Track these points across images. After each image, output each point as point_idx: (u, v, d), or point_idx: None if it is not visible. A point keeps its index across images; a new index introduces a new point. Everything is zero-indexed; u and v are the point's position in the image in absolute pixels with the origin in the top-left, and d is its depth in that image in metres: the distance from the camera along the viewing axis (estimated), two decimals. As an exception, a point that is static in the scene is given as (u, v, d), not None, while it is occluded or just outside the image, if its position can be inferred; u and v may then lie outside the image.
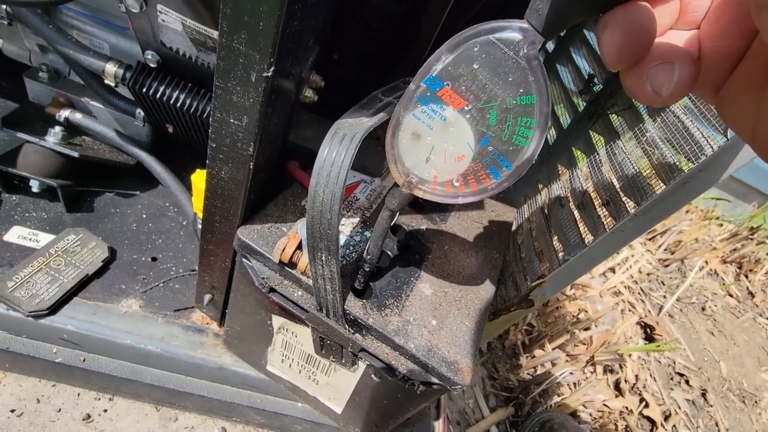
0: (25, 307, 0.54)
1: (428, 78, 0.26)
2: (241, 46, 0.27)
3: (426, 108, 0.28)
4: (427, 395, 0.43)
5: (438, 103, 0.27)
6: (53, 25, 0.53)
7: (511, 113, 0.26)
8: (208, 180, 0.38)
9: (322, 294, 0.39)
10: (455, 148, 0.28)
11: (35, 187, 0.64)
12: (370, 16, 0.66)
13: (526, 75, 0.25)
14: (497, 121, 0.27)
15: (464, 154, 0.28)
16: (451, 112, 0.27)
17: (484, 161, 0.28)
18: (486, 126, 0.27)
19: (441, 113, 0.28)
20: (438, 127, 0.28)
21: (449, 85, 0.26)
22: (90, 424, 0.64)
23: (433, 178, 0.30)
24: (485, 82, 0.26)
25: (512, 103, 0.26)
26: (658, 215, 0.37)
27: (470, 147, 0.28)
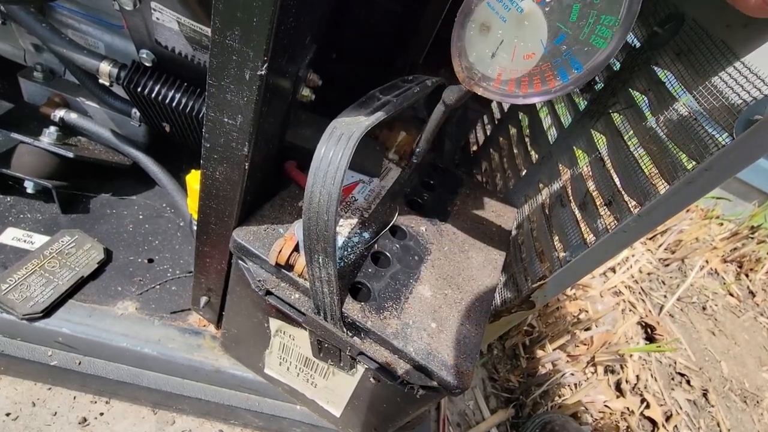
0: (19, 309, 0.54)
1: None
2: (234, 42, 0.27)
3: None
4: (426, 399, 0.42)
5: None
6: (47, 24, 0.52)
7: (596, 8, 0.24)
8: (202, 181, 0.37)
9: (320, 297, 0.38)
10: (526, 44, 0.26)
11: (30, 188, 0.63)
12: (369, 14, 0.65)
13: None
14: (578, 17, 0.25)
15: (534, 52, 0.26)
16: (529, 3, 0.25)
17: (554, 61, 0.26)
18: (565, 22, 0.25)
19: (519, 3, 0.25)
20: (512, 20, 0.26)
21: None
22: (86, 427, 0.63)
23: (497, 76, 0.28)
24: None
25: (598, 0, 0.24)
26: (662, 215, 0.37)
27: (542, 44, 0.26)
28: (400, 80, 0.47)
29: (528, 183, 0.64)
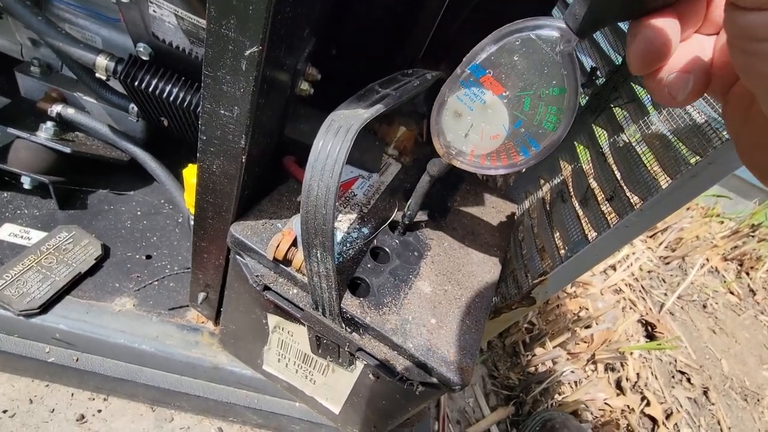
0: (15, 306, 0.53)
1: (472, 65, 0.30)
2: (230, 32, 0.26)
3: (468, 91, 0.31)
4: (426, 396, 0.42)
5: (479, 87, 0.31)
6: (43, 18, 0.51)
7: (543, 101, 0.30)
8: (199, 174, 0.37)
9: (318, 292, 0.38)
10: (491, 127, 0.32)
11: (27, 183, 0.62)
12: (369, 8, 0.65)
13: (560, 69, 0.28)
14: (530, 107, 0.30)
15: (499, 134, 0.32)
16: (490, 96, 0.31)
17: (515, 141, 0.32)
18: (520, 111, 0.31)
19: (481, 97, 0.31)
20: (478, 109, 0.32)
21: (491, 73, 0.30)
22: (84, 424, 0.63)
23: (470, 152, 0.35)
24: (523, 73, 0.29)
25: (545, 93, 0.30)
26: (664, 210, 0.36)
27: (504, 128, 0.32)
28: (400, 74, 0.46)
29: (529, 178, 0.64)
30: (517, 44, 0.28)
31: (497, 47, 0.29)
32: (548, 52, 0.28)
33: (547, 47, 0.28)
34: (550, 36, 0.27)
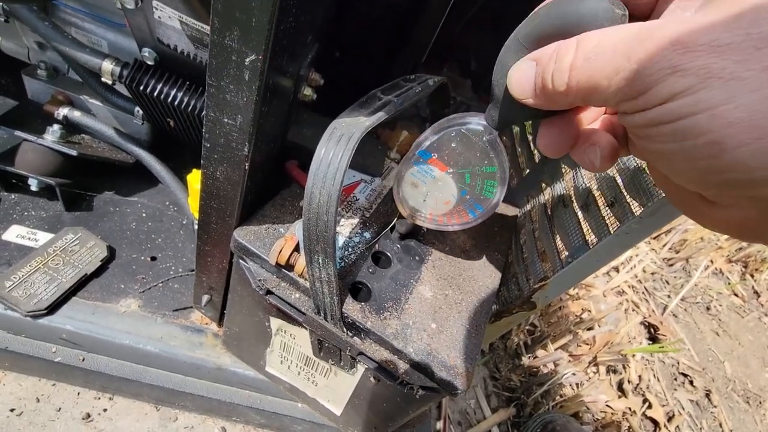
0: (23, 306, 0.54)
1: (420, 150, 0.38)
2: (233, 43, 0.26)
3: (420, 168, 0.39)
4: (426, 399, 0.42)
5: (429, 166, 0.39)
6: (50, 23, 0.52)
7: (480, 176, 0.37)
8: (203, 181, 0.37)
9: (320, 297, 0.38)
10: (443, 195, 0.40)
11: (34, 185, 0.63)
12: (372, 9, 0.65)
13: (488, 152, 0.36)
14: (470, 180, 0.38)
15: (449, 200, 0.40)
16: (438, 172, 0.39)
17: (464, 205, 0.40)
18: (463, 183, 0.38)
19: (431, 173, 0.39)
20: (430, 182, 0.40)
21: (435, 156, 0.38)
22: (90, 423, 0.64)
23: (429, 214, 0.42)
24: (461, 155, 0.37)
25: (480, 170, 0.37)
26: (665, 217, 0.36)
27: (453, 196, 0.39)
28: (402, 79, 0.46)
29: (530, 183, 0.64)
30: (452, 135, 0.36)
31: (437, 137, 0.37)
32: (476, 141, 0.35)
33: (475, 137, 0.35)
34: (476, 129, 0.35)
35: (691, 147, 0.18)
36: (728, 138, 0.17)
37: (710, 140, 0.17)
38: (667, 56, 0.18)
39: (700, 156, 0.18)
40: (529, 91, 0.25)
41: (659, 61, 0.18)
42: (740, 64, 0.16)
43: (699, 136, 0.17)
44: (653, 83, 0.18)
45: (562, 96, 0.23)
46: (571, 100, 0.23)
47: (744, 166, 0.17)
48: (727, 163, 0.17)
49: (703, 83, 0.17)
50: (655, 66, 0.18)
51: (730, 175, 0.18)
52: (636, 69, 0.18)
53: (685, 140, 0.18)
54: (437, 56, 0.78)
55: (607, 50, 0.20)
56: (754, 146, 0.16)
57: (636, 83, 0.19)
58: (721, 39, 0.17)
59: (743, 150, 0.17)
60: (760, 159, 0.16)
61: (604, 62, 0.20)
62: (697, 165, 0.18)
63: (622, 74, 0.19)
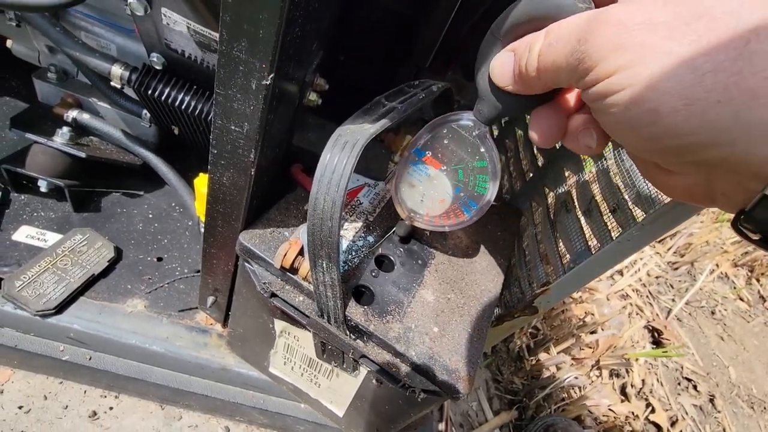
0: (32, 306, 0.55)
1: (415, 149, 0.40)
2: (241, 54, 0.27)
3: (416, 168, 0.41)
4: (428, 402, 0.43)
5: (424, 165, 0.40)
6: (60, 27, 0.53)
7: (473, 172, 0.38)
8: (209, 185, 0.38)
9: (323, 300, 0.39)
10: (438, 194, 0.41)
11: (43, 187, 0.64)
12: (377, 15, 0.65)
13: (479, 147, 0.37)
14: (464, 176, 0.39)
15: (444, 199, 0.41)
16: (433, 170, 0.40)
17: (459, 203, 0.41)
18: (457, 180, 0.39)
19: (426, 171, 0.40)
20: (425, 180, 0.41)
21: (430, 154, 0.39)
22: (96, 421, 0.65)
23: (426, 214, 0.43)
24: (453, 152, 0.38)
25: (472, 166, 0.38)
26: (666, 224, 0.37)
27: (448, 194, 0.40)
28: (406, 85, 0.47)
29: (533, 187, 0.64)
30: (444, 132, 0.38)
31: (431, 135, 0.38)
32: (467, 136, 0.37)
33: (466, 133, 0.37)
34: (467, 125, 0.36)
35: (634, 116, 0.20)
36: (662, 105, 0.19)
37: (648, 108, 0.19)
38: (609, 36, 0.20)
39: (641, 124, 0.20)
40: (509, 78, 0.28)
41: (602, 40, 0.20)
42: (671, 39, 0.18)
43: (639, 105, 0.19)
44: (599, 60, 0.20)
45: (535, 80, 0.26)
46: (543, 83, 0.26)
47: (678, 130, 0.19)
48: (665, 129, 0.19)
49: (640, 58, 0.19)
50: (599, 44, 0.20)
51: (669, 142, 0.20)
52: (584, 49, 0.21)
53: (628, 110, 0.20)
54: (441, 59, 0.78)
55: (564, 36, 0.23)
56: (684, 112, 0.18)
57: (586, 61, 0.21)
58: (655, 18, 0.19)
59: (676, 116, 0.18)
60: (691, 123, 0.18)
61: (561, 46, 0.23)
62: (641, 133, 0.20)
63: (575, 55, 0.22)
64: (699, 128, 0.18)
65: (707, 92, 0.17)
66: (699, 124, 0.18)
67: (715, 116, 0.18)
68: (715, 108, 0.17)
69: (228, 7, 0.25)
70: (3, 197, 0.65)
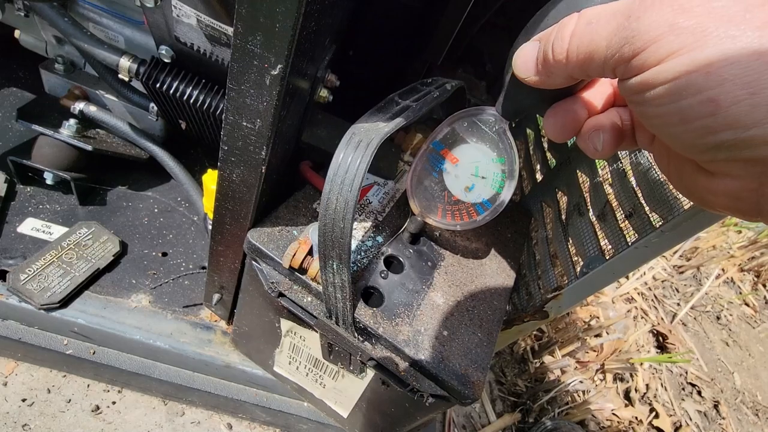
0: (37, 299, 0.55)
1: (434, 142, 0.39)
2: (255, 48, 0.26)
3: (433, 161, 0.40)
4: (436, 407, 0.42)
5: (441, 158, 0.39)
6: (69, 18, 0.52)
7: (490, 169, 0.38)
8: (219, 182, 0.37)
9: (332, 302, 0.38)
10: (453, 190, 0.40)
11: (49, 179, 0.64)
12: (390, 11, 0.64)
13: (497, 143, 0.37)
14: (480, 173, 0.39)
15: (459, 195, 0.40)
16: (449, 165, 0.39)
17: (473, 201, 0.40)
18: (473, 176, 0.39)
19: (443, 166, 0.40)
20: (441, 175, 0.40)
21: (447, 147, 0.39)
22: (99, 415, 0.65)
23: (439, 210, 0.42)
24: (471, 146, 0.38)
25: (489, 162, 0.38)
26: (687, 231, 0.36)
27: (463, 190, 0.40)
28: (419, 83, 0.46)
29: (545, 189, 0.63)
30: (464, 126, 0.37)
31: (449, 129, 0.38)
32: (487, 131, 0.36)
33: (486, 127, 0.36)
34: (487, 119, 0.36)
35: (687, 107, 0.18)
36: (723, 95, 0.17)
37: (706, 98, 0.18)
38: (665, 15, 0.18)
39: (696, 115, 0.18)
40: (532, 69, 0.26)
41: (657, 18, 0.18)
42: (732, 25, 0.17)
43: (695, 95, 0.18)
44: (650, 41, 0.19)
45: (561, 66, 0.24)
46: (570, 71, 0.24)
47: (739, 123, 0.17)
48: (723, 121, 0.18)
49: (698, 41, 0.17)
50: (653, 24, 0.18)
51: (725, 135, 0.18)
52: (635, 27, 0.19)
53: (681, 100, 0.18)
54: (452, 57, 0.77)
55: (608, 13, 0.21)
56: (748, 102, 0.17)
57: (635, 41, 0.19)
58: (716, 1, 0.18)
59: (738, 107, 0.17)
60: (754, 115, 0.17)
61: (605, 23, 0.21)
62: (693, 126, 0.19)
63: (621, 33, 0.20)
64: (763, 120, 0.17)
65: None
66: (764, 116, 0.16)
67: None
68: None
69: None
70: (9, 189, 0.65)
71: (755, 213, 0.20)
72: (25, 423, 0.61)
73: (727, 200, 0.21)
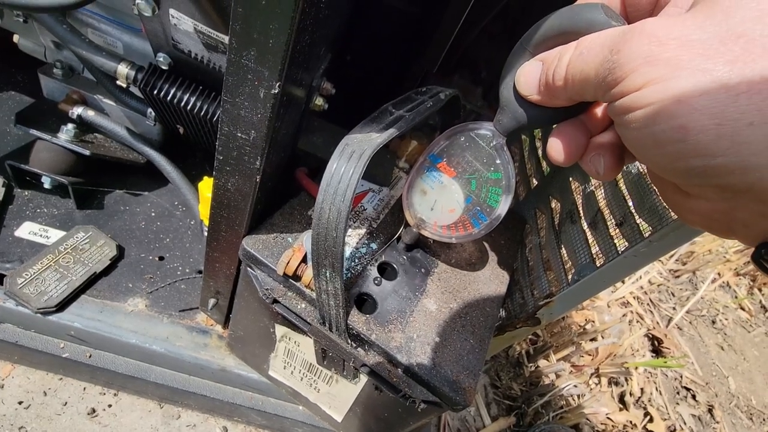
0: (33, 303, 0.55)
1: (431, 155, 0.39)
2: (249, 62, 0.27)
3: (430, 174, 0.40)
4: (428, 413, 0.43)
5: (438, 171, 0.40)
6: (67, 26, 0.53)
7: (486, 183, 0.38)
8: (214, 191, 0.38)
9: (326, 309, 0.38)
10: (448, 203, 0.40)
11: (47, 183, 0.64)
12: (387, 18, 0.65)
13: (495, 158, 0.37)
14: (477, 187, 0.39)
15: (455, 209, 0.40)
16: (446, 178, 0.40)
17: (468, 214, 0.40)
18: (469, 190, 0.39)
19: (439, 179, 0.40)
20: (437, 188, 0.40)
21: (445, 161, 0.39)
22: (95, 418, 0.65)
23: (434, 223, 0.42)
24: (468, 161, 0.38)
25: (486, 176, 0.38)
26: (675, 241, 0.36)
27: (459, 203, 0.40)
28: (413, 93, 0.46)
29: (538, 195, 0.64)
30: (462, 140, 0.37)
31: (447, 142, 0.38)
32: (485, 146, 0.37)
33: (483, 142, 0.37)
34: (485, 135, 0.36)
35: (660, 131, 0.20)
36: (692, 122, 0.18)
37: (677, 125, 0.19)
38: (643, 48, 0.20)
39: (668, 140, 0.19)
40: (534, 88, 0.28)
41: (635, 51, 0.20)
42: (705, 58, 0.18)
43: (667, 121, 0.19)
44: (630, 71, 0.20)
45: (561, 90, 0.25)
46: (569, 94, 0.25)
47: (706, 150, 0.18)
48: (692, 147, 0.19)
49: (672, 73, 0.19)
50: (632, 55, 0.20)
51: (695, 162, 0.19)
52: (616, 59, 0.21)
53: (654, 125, 0.20)
54: (448, 64, 0.78)
55: (596, 46, 0.23)
56: (714, 131, 0.18)
57: (615, 72, 0.21)
58: (691, 35, 0.19)
59: (705, 135, 0.18)
60: (720, 144, 0.18)
61: (593, 56, 0.22)
62: (666, 150, 0.20)
63: (605, 65, 0.21)
64: (728, 150, 0.18)
65: (740, 113, 0.17)
66: (728, 146, 0.18)
67: (745, 139, 0.17)
68: (746, 130, 0.17)
69: (238, 16, 0.25)
70: (6, 193, 0.65)
71: (727, 232, 0.21)
72: (22, 426, 0.61)
73: (701, 219, 0.22)
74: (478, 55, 0.83)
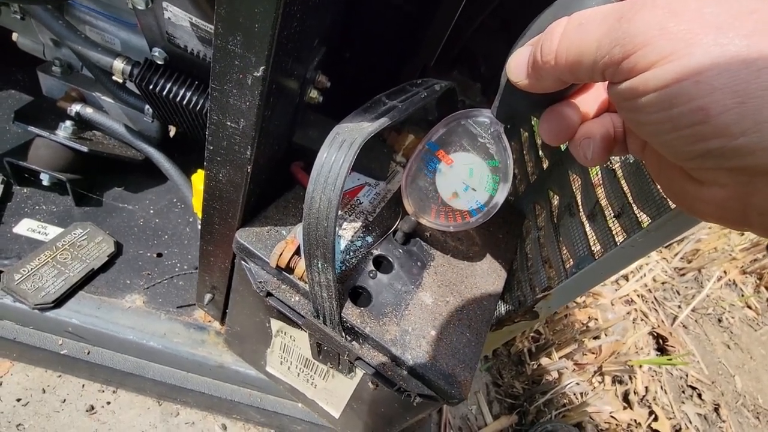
0: (30, 299, 0.55)
1: (429, 142, 0.40)
2: (236, 48, 0.27)
3: (427, 161, 0.40)
4: (424, 407, 0.42)
5: (435, 159, 0.40)
6: (64, 22, 0.53)
7: (483, 171, 0.38)
8: (206, 182, 0.38)
9: (319, 301, 0.38)
10: (447, 190, 0.40)
11: (45, 180, 0.65)
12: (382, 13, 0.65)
13: (492, 146, 0.37)
14: (474, 175, 0.39)
15: (453, 197, 0.40)
16: (444, 166, 0.40)
17: (466, 202, 0.40)
18: (467, 178, 0.39)
19: (437, 166, 0.40)
20: (435, 175, 0.40)
21: (443, 148, 0.39)
22: (93, 415, 0.65)
23: (432, 211, 0.42)
24: (465, 148, 0.38)
25: (483, 164, 0.38)
26: (672, 231, 0.36)
27: (456, 191, 0.40)
28: (408, 84, 0.46)
29: (537, 190, 0.63)
30: (460, 128, 0.37)
31: (445, 130, 0.38)
32: (482, 134, 0.37)
33: (481, 130, 0.37)
34: (483, 122, 0.36)
35: (678, 114, 0.18)
36: (713, 104, 0.17)
37: (696, 106, 0.18)
38: (657, 17, 0.18)
39: (686, 123, 0.18)
40: (523, 73, 0.26)
41: (649, 21, 0.18)
42: (721, 33, 0.17)
43: (685, 103, 0.18)
44: (641, 44, 0.18)
45: (550, 69, 0.24)
46: (559, 73, 0.23)
47: (727, 131, 0.17)
48: (712, 129, 0.18)
49: (687, 48, 0.17)
50: (644, 25, 0.18)
51: (714, 143, 0.18)
52: (627, 28, 0.19)
53: (672, 108, 0.18)
54: (447, 59, 0.77)
55: (600, 15, 0.21)
56: (737, 111, 0.17)
57: (625, 44, 0.19)
58: (705, 7, 0.18)
59: (727, 115, 0.17)
60: (743, 124, 0.17)
61: (596, 24, 0.21)
62: (684, 133, 0.19)
63: (612, 34, 0.19)
64: (750, 129, 0.17)
65: (764, 89, 0.16)
66: (751, 125, 0.17)
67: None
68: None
69: (223, 0, 0.24)
70: (5, 190, 0.65)
71: (742, 222, 0.20)
72: (20, 423, 0.61)
73: (714, 209, 0.21)
74: (477, 50, 0.83)
